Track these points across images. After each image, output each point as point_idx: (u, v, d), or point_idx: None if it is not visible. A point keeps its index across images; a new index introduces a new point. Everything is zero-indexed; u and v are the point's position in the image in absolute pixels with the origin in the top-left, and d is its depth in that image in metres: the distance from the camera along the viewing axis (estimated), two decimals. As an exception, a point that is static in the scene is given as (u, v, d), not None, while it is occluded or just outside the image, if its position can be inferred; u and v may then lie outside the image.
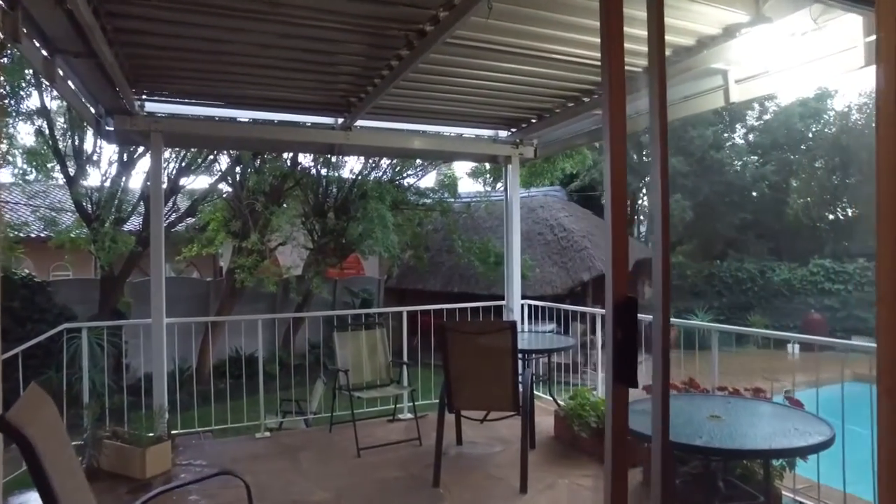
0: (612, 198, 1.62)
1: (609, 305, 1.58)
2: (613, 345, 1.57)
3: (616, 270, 1.58)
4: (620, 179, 1.63)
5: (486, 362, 4.04)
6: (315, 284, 10.82)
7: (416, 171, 12.62)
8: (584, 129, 5.46)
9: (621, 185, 1.63)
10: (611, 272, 1.58)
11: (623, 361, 1.56)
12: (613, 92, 1.67)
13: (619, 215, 1.61)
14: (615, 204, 1.62)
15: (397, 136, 5.59)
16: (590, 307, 13.50)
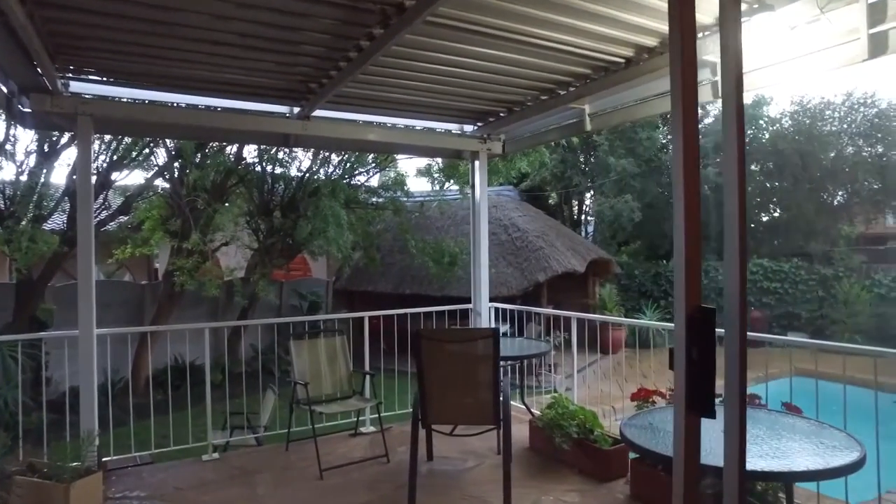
0: (685, 194, 1.33)
1: (680, 318, 1.28)
2: (686, 366, 1.27)
3: (689, 275, 1.29)
4: (693, 171, 1.34)
5: (464, 373, 3.72)
6: (261, 287, 10.19)
7: (367, 169, 12.17)
8: (555, 124, 5.22)
9: (693, 177, 1.33)
10: (682, 279, 1.29)
11: (698, 387, 1.27)
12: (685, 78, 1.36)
13: (691, 214, 1.32)
14: (688, 201, 1.33)
15: (358, 128, 5.18)
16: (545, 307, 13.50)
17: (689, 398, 1.26)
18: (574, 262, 13.39)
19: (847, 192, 17.05)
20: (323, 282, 14.82)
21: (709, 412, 1.26)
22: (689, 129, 1.30)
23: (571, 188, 19.16)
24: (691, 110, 1.33)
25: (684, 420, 1.27)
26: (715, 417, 1.27)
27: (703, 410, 1.27)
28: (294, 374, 4.57)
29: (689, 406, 1.27)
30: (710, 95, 3.80)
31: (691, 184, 1.29)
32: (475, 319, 5.84)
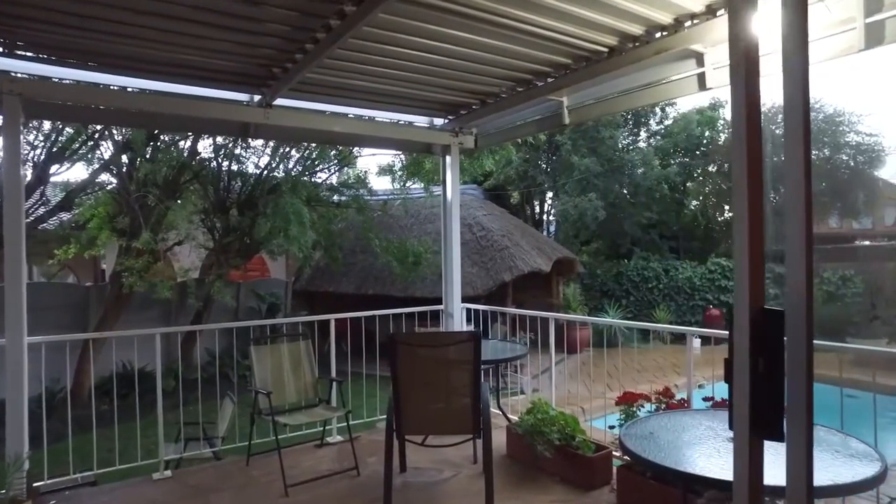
0: (749, 185, 1.11)
1: (741, 322, 1.07)
2: (751, 381, 1.05)
3: (752, 274, 1.07)
4: (756, 164, 1.12)
5: (442, 379, 3.47)
6: (216, 288, 9.68)
7: (329, 166, 11.78)
8: (531, 117, 5.02)
9: (757, 170, 1.12)
10: (745, 277, 1.07)
11: (764, 404, 1.05)
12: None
13: (755, 207, 1.10)
14: (752, 191, 1.11)
15: (323, 119, 4.85)
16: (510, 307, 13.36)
17: (755, 419, 1.05)
18: (540, 261, 13.31)
19: (798, 193, 17.56)
20: (282, 282, 14.31)
21: (777, 435, 1.05)
22: (752, 117, 1.09)
23: (535, 187, 19.14)
24: (754, 101, 1.12)
25: (748, 445, 1.06)
26: (783, 440, 1.06)
27: (770, 433, 1.05)
28: (255, 383, 4.23)
29: (754, 428, 1.05)
30: (696, 87, 3.66)
31: (755, 176, 1.08)
32: (447, 321, 5.60)
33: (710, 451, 2.25)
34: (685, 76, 3.69)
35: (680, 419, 2.63)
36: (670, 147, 17.98)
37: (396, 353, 3.35)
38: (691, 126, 17.53)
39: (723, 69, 3.46)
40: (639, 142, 18.81)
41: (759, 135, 1.13)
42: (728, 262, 16.39)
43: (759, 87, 1.19)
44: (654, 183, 16.76)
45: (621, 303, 16.54)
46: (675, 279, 16.68)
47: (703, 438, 2.42)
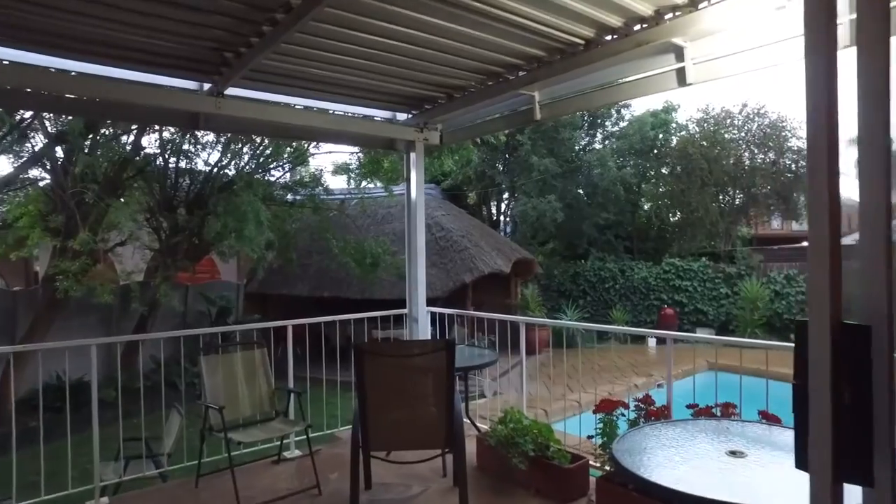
0: (829, 180, 0.92)
1: (821, 341, 0.87)
2: (834, 414, 0.86)
3: (832, 280, 0.88)
4: (834, 161, 0.92)
5: (414, 392, 3.23)
6: (163, 292, 9.12)
7: (282, 164, 11.33)
8: (501, 113, 4.84)
9: (834, 168, 0.92)
10: (823, 285, 0.88)
11: (851, 444, 0.86)
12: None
13: (834, 208, 0.90)
14: (831, 191, 0.92)
15: (279, 111, 4.52)
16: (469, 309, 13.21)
17: (838, 460, 0.86)
18: (500, 262, 13.21)
19: (746, 196, 18.11)
20: (233, 285, 13.72)
21: (868, 479, 0.86)
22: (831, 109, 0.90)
23: (493, 187, 19.09)
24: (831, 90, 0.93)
25: (830, 492, 0.87)
26: (873, 486, 0.87)
27: (859, 476, 0.87)
28: (205, 397, 3.88)
29: (838, 472, 0.86)
30: (675, 83, 3.54)
31: (833, 174, 0.89)
32: (411, 326, 5.35)
33: (697, 464, 2.10)
34: (664, 71, 3.56)
35: (672, 432, 2.48)
36: (626, 149, 18.24)
37: (363, 364, 3.09)
38: (645, 128, 17.83)
39: (704, 64, 3.36)
40: (595, 143, 19.01)
41: (837, 130, 0.94)
42: (682, 262, 16.73)
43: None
44: (611, 184, 16.96)
45: (578, 303, 16.65)
46: (631, 279, 16.91)
47: (703, 455, 2.27)
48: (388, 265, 11.22)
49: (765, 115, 17.47)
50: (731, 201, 18.09)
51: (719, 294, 16.03)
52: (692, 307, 16.16)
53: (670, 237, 18.94)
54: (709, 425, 2.59)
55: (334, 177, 13.93)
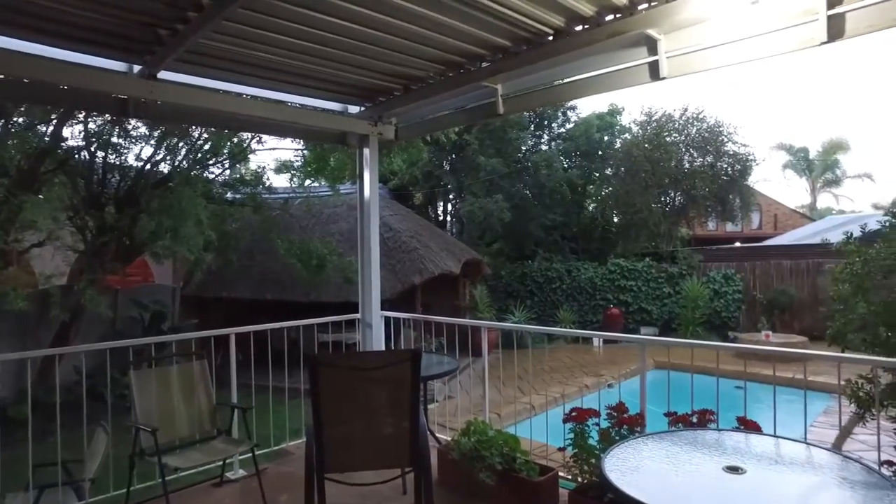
0: None
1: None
2: None
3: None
4: None
5: (375, 407, 2.94)
6: (88, 297, 8.38)
7: (222, 160, 10.71)
8: (461, 106, 4.60)
9: None
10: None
11: None
12: None
13: None
14: None
15: (220, 99, 4.13)
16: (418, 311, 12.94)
17: None
18: (449, 263, 13.02)
19: (685, 197, 18.63)
20: (169, 288, 12.92)
21: None
22: None
23: (439, 187, 18.90)
24: None
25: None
26: None
27: None
28: (136, 417, 3.45)
29: None
30: (648, 77, 3.39)
31: None
32: (365, 332, 5.04)
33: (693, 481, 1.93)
34: (636, 64, 3.41)
35: (662, 445, 2.30)
36: (572, 150, 18.43)
37: (318, 378, 2.78)
38: (591, 130, 18.06)
39: (679, 58, 3.22)
40: (542, 144, 19.13)
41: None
42: (626, 263, 17.03)
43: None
44: (557, 185, 17.07)
45: (526, 303, 16.67)
46: (578, 280, 17.08)
47: (699, 472, 2.10)
48: (334, 266, 10.81)
49: (703, 120, 18.03)
50: (673, 203, 18.58)
51: (662, 293, 16.41)
52: (637, 306, 16.48)
53: (615, 237, 19.27)
54: (699, 437, 2.44)
55: (278, 175, 13.31)
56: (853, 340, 4.05)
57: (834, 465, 2.11)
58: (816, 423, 7.82)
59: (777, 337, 13.12)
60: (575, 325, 16.11)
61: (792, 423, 3.30)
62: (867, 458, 2.22)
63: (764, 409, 3.55)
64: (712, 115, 18.19)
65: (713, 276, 16.31)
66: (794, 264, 16.07)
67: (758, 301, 15.97)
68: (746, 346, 7.38)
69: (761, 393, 5.63)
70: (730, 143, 17.90)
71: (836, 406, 8.75)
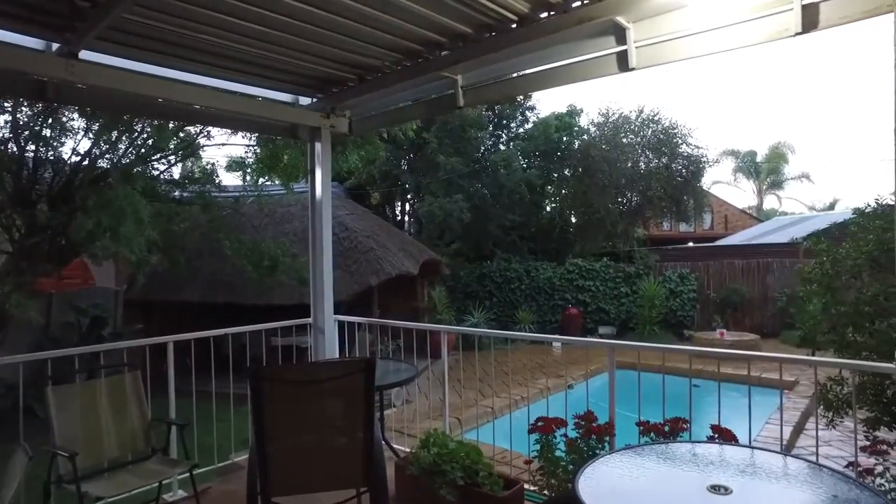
0: None
1: None
2: None
3: None
4: None
5: (326, 423, 2.67)
6: (15, 301, 7.75)
7: (166, 156, 10.15)
8: (420, 98, 4.36)
9: None
10: None
11: None
12: None
13: None
14: None
15: (152, 83, 3.73)
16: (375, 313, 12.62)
17: None
18: (408, 263, 12.75)
19: (641, 198, 18.89)
20: (111, 292, 12.20)
21: None
22: None
23: (397, 186, 18.60)
24: None
25: None
26: None
27: None
28: (54, 440, 3.07)
29: None
30: (616, 68, 3.23)
31: None
32: (317, 338, 4.74)
33: None
34: (604, 54, 3.25)
35: (638, 461, 2.12)
36: (531, 150, 18.42)
37: (262, 393, 2.49)
38: (550, 130, 18.09)
39: (648, 48, 3.06)
40: (500, 144, 19.06)
41: None
42: (584, 263, 17.11)
43: None
44: (516, 185, 17.02)
45: (485, 304, 16.55)
46: (537, 280, 17.06)
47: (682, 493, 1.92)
48: (287, 268, 10.39)
49: (659, 122, 18.30)
50: (629, 203, 18.80)
51: (620, 293, 16.55)
52: (595, 306, 16.57)
53: (573, 238, 19.36)
54: (676, 451, 2.27)
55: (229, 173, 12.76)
56: (823, 342, 4.01)
57: (822, 480, 1.97)
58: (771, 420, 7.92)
59: (730, 335, 13.38)
60: (534, 326, 16.09)
61: (744, 421, 3.24)
62: (828, 457, 2.08)
63: (723, 408, 3.51)
64: (667, 116, 18.48)
65: (669, 276, 16.55)
66: (745, 263, 16.47)
67: (711, 300, 16.29)
68: (720, 350, 7.42)
69: (715, 391, 5.65)
70: (684, 145, 18.24)
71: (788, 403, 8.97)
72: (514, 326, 15.98)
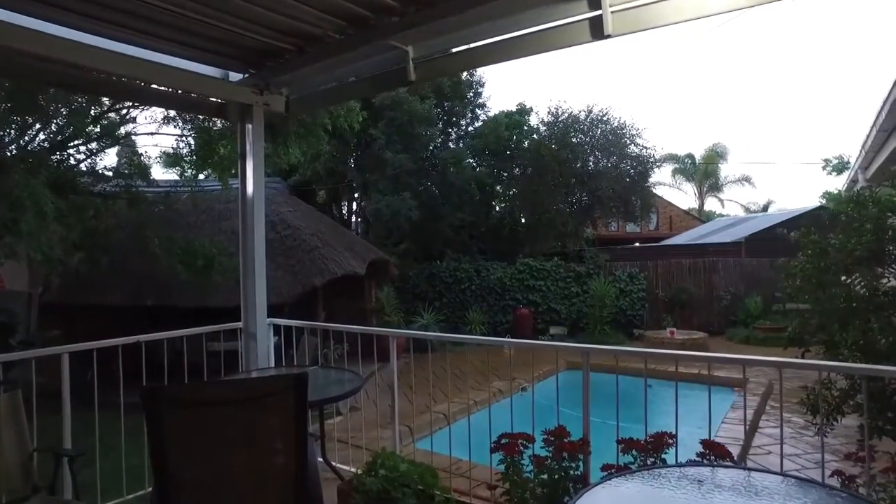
0: None
1: None
2: None
3: None
4: None
5: (245, 451, 2.15)
6: None
7: (87, 143, 9.23)
8: (366, 73, 3.88)
9: None
10: None
11: None
12: None
13: None
14: None
15: (54, 43, 3.12)
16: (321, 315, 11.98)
17: None
18: (354, 263, 12.16)
19: (591, 198, 18.90)
20: (22, 294, 11.05)
21: None
22: None
23: (343, 183, 17.93)
24: None
25: None
26: None
27: None
28: None
29: None
30: (589, 35, 2.85)
31: None
32: (248, 344, 4.17)
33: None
34: (576, 20, 2.86)
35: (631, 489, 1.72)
36: (481, 148, 18.12)
37: (160, 420, 1.95)
38: (500, 129, 17.84)
39: (627, 12, 2.70)
40: (450, 141, 18.68)
41: None
42: (535, 262, 16.93)
43: None
44: (466, 183, 16.68)
45: (434, 305, 16.11)
46: (487, 280, 16.77)
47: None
48: (224, 268, 9.65)
49: (608, 122, 18.35)
50: (580, 203, 18.78)
51: (571, 293, 16.45)
52: (546, 306, 16.40)
53: (523, 237, 19.19)
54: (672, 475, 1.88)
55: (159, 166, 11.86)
56: (810, 341, 3.77)
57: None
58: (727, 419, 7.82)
59: (680, 333, 13.43)
60: (485, 326, 15.77)
61: (702, 421, 3.03)
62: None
63: (676, 407, 3.33)
64: (616, 116, 18.55)
65: (619, 276, 16.58)
66: (692, 263, 16.70)
67: (660, 299, 16.41)
68: (710, 354, 7.27)
69: (669, 391, 5.49)
70: (632, 145, 18.35)
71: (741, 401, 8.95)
72: (464, 327, 15.61)
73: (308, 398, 3.12)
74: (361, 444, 5.07)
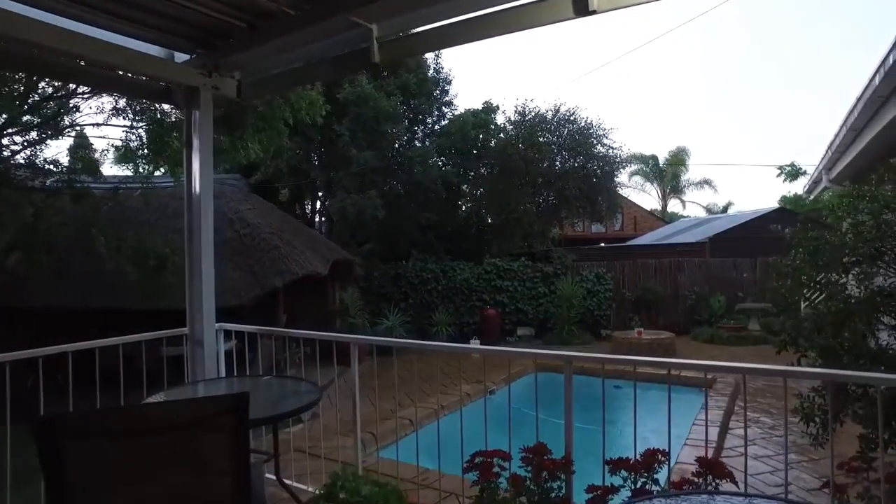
0: None
1: None
2: None
3: None
4: None
5: (173, 487, 1.79)
6: None
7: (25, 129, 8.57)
8: (326, 54, 3.53)
9: None
10: None
11: None
12: None
13: None
14: None
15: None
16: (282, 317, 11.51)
17: None
18: (317, 263, 11.72)
19: (558, 198, 18.84)
20: (-47, 297, 10.25)
21: None
22: None
23: (306, 181, 17.41)
24: None
25: None
26: None
27: None
28: None
29: None
30: (571, 11, 2.58)
31: None
32: (194, 351, 3.77)
33: None
34: None
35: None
36: (447, 147, 17.84)
37: (62, 458, 1.58)
38: (467, 127, 17.59)
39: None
40: (416, 140, 18.35)
41: None
42: (502, 263, 16.74)
43: None
44: (432, 182, 16.38)
45: (400, 306, 15.76)
46: (454, 280, 16.50)
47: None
48: (178, 268, 9.11)
49: (575, 122, 18.30)
50: (546, 202, 18.68)
51: (538, 293, 16.30)
52: (513, 307, 16.22)
53: (489, 237, 19.00)
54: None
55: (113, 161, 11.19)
56: (805, 345, 3.59)
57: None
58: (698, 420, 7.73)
59: (648, 333, 13.41)
60: (451, 328, 15.50)
61: (676, 421, 2.89)
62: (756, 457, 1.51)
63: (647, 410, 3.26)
64: (583, 116, 18.52)
65: (586, 276, 16.51)
66: (658, 263, 16.77)
67: (626, 299, 16.42)
68: (679, 360, 7.13)
69: (640, 391, 5.43)
70: (599, 145, 18.34)
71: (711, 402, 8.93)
72: (430, 329, 15.31)
73: (260, 414, 2.77)
74: (319, 453, 4.73)
